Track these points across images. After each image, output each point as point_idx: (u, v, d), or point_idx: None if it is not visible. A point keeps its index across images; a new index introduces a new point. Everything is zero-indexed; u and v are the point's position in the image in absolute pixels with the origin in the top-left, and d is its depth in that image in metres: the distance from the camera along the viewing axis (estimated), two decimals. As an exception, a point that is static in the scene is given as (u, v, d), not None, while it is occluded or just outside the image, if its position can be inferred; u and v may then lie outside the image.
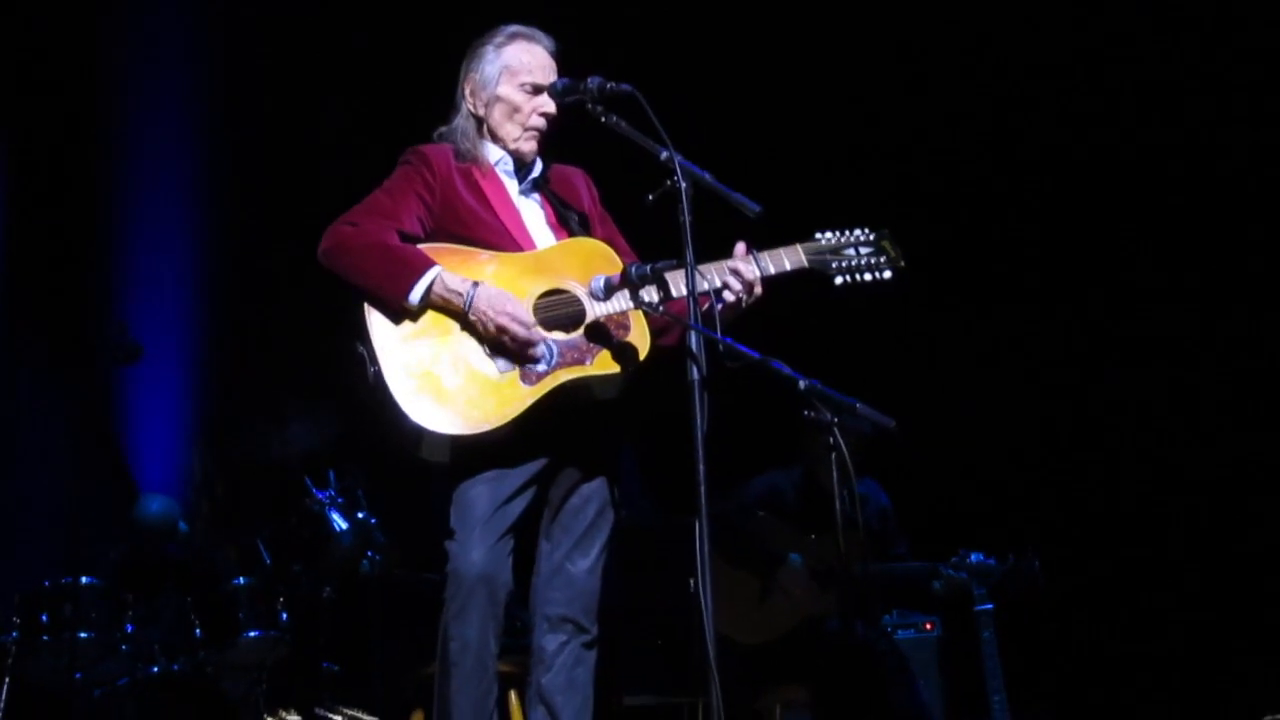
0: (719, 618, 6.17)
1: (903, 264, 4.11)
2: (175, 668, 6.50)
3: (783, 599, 6.24)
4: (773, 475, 6.64)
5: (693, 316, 3.61)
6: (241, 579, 6.93)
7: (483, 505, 3.86)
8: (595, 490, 4.06)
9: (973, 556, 6.25)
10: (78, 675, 6.39)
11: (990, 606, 6.16)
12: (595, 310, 3.92)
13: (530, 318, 3.86)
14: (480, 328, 3.84)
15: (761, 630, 6.28)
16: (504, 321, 3.81)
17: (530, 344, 3.84)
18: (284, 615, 6.64)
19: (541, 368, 3.86)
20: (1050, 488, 7.61)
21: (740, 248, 4.01)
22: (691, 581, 3.48)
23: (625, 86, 3.81)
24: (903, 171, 8.01)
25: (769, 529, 6.34)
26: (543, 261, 4.00)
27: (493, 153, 4.17)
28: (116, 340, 6.81)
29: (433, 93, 4.43)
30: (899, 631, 6.79)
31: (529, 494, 3.94)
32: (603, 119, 3.85)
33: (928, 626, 6.84)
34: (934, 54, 8.01)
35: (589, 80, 3.89)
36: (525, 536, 3.98)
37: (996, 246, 7.88)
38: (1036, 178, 7.81)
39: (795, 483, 6.57)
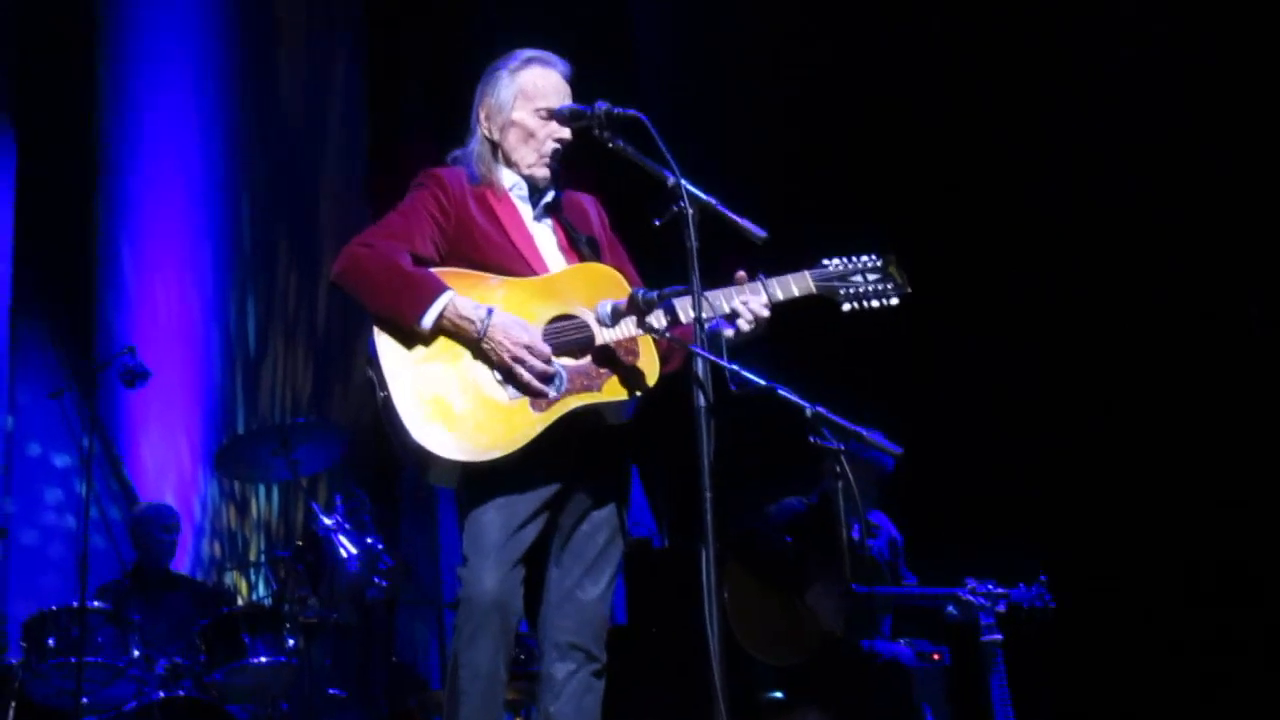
0: (747, 636, 6.25)
1: (909, 289, 4.10)
2: (181, 692, 6.47)
3: (810, 620, 6.25)
4: (791, 500, 6.67)
5: (699, 342, 3.61)
6: (248, 603, 6.91)
7: (495, 532, 3.84)
8: (605, 517, 4.04)
9: (986, 584, 6.26)
10: (85, 700, 6.38)
11: (999, 636, 6.15)
12: (603, 336, 3.91)
13: (546, 349, 3.85)
14: (494, 355, 3.84)
15: (789, 650, 6.29)
16: (520, 353, 3.81)
17: (546, 377, 3.84)
18: (291, 640, 6.62)
19: (551, 394, 3.85)
20: (1060, 515, 7.58)
21: (741, 275, 4.01)
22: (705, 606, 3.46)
23: (632, 111, 3.82)
24: (906, 194, 8.02)
25: (797, 550, 6.37)
26: (552, 286, 3.99)
27: (507, 177, 4.17)
28: (125, 363, 6.82)
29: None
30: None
31: (541, 520, 3.92)
32: (610, 144, 3.85)
33: (935, 657, 6.82)
34: (938, 75, 8.06)
35: (596, 105, 3.89)
36: (532, 562, 3.96)
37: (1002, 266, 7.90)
38: (1039, 196, 7.82)
39: (811, 508, 6.61)
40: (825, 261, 4.10)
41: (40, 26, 8.09)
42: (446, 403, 3.81)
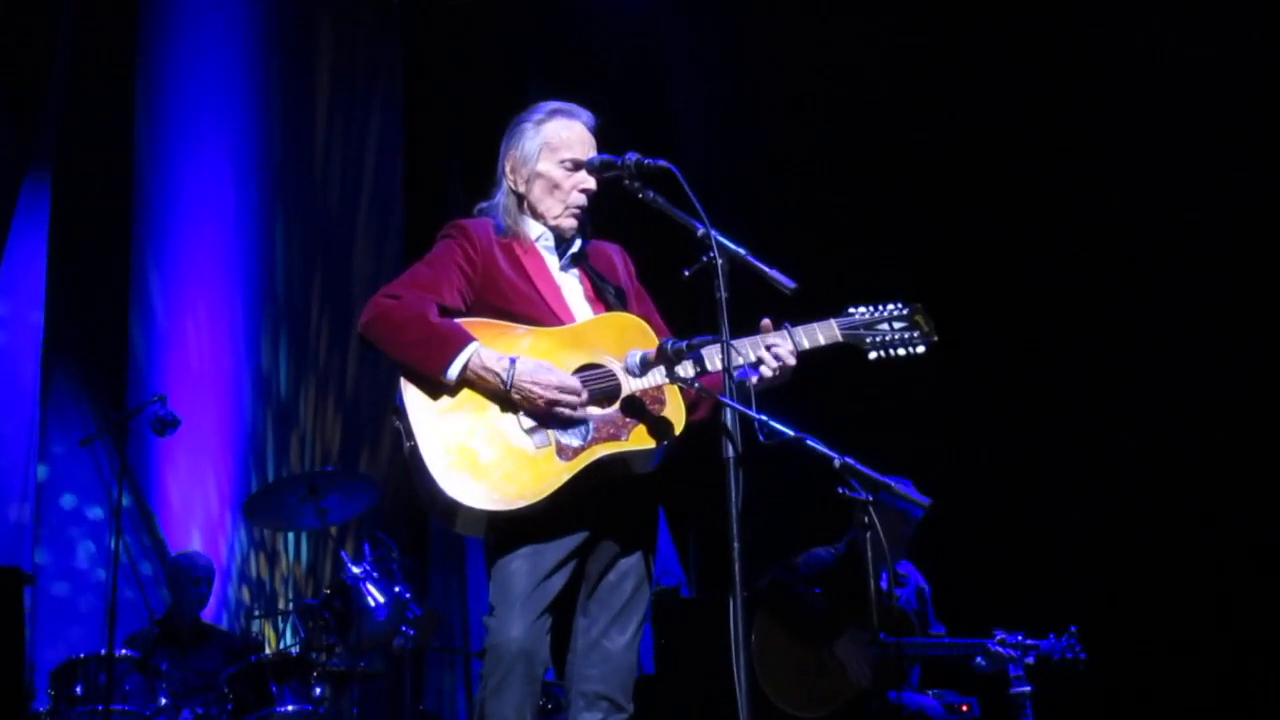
0: (774, 688, 6.25)
1: (936, 338, 4.10)
2: (208, 741, 6.48)
3: (838, 672, 6.23)
4: (819, 551, 6.66)
5: (728, 392, 3.61)
6: (276, 652, 6.89)
7: (522, 581, 3.85)
8: (633, 565, 4.03)
9: (1015, 635, 6.24)
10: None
11: (1029, 688, 6.12)
12: (631, 385, 3.92)
13: (576, 382, 3.86)
14: (528, 403, 3.84)
15: (816, 702, 6.28)
16: (553, 395, 3.81)
17: (584, 407, 3.84)
18: (318, 689, 6.61)
19: (578, 443, 3.86)
20: (1090, 566, 7.54)
21: (766, 323, 4.01)
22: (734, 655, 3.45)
23: (662, 162, 3.83)
24: (937, 244, 8.04)
25: (825, 601, 6.37)
26: (579, 336, 4.01)
27: (533, 228, 4.19)
28: (155, 411, 6.84)
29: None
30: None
31: (568, 569, 3.92)
32: (640, 194, 3.87)
33: (964, 708, 6.78)
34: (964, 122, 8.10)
35: (626, 156, 3.90)
36: (559, 611, 3.96)
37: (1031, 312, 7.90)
38: (1067, 247, 7.83)
39: (840, 559, 6.60)
40: (851, 310, 4.10)
41: (79, 76, 8.13)
42: (473, 452, 3.82)
